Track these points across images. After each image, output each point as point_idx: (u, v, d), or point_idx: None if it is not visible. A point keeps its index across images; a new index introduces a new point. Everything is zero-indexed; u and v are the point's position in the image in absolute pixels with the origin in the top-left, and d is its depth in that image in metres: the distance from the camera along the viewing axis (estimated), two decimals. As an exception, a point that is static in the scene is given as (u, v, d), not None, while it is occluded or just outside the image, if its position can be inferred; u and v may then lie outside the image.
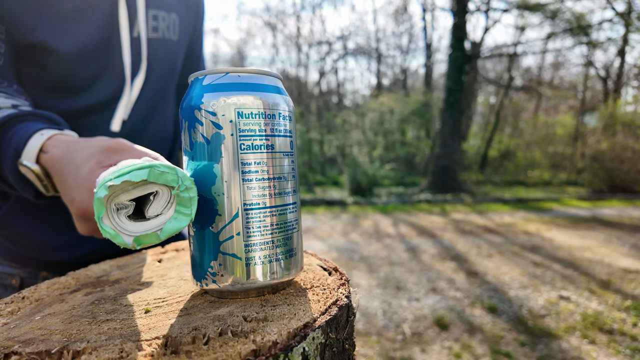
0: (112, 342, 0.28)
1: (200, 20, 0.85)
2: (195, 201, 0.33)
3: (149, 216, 0.32)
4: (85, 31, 0.64)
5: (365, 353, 2.07)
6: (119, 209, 0.31)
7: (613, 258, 3.73)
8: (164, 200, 0.32)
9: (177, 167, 0.32)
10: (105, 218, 0.30)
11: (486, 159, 12.79)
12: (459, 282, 3.16)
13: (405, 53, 16.79)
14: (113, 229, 0.30)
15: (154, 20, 0.72)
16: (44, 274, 0.70)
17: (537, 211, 6.53)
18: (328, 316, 0.31)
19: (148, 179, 0.30)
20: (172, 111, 0.83)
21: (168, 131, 0.82)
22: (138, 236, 0.31)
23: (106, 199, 0.30)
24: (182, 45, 0.79)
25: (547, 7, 9.56)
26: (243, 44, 20.16)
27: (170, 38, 0.75)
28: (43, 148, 0.49)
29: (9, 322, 0.34)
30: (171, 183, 0.31)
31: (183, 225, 0.32)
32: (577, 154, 11.85)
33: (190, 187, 0.32)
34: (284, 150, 0.36)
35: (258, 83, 0.35)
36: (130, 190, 0.31)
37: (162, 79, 0.76)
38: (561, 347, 2.14)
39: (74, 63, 0.63)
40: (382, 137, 12.62)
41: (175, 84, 0.82)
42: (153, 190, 0.32)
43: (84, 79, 0.66)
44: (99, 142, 0.46)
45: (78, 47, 0.63)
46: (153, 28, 0.72)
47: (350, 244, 4.46)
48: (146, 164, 0.31)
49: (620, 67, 12.89)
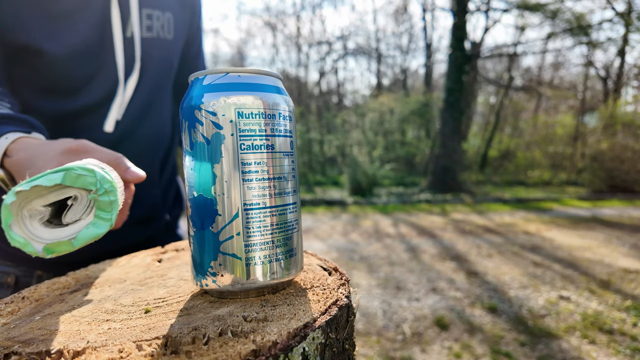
0: (112, 342, 0.28)
1: (196, 18, 0.84)
2: (117, 205, 0.31)
3: (66, 222, 0.30)
4: (78, 32, 0.63)
5: (365, 353, 2.07)
6: (32, 215, 0.29)
7: (613, 258, 3.73)
8: (83, 204, 0.30)
9: (100, 170, 0.30)
10: (15, 225, 0.28)
11: (486, 159, 12.79)
12: (459, 282, 3.16)
13: (405, 53, 16.79)
14: (23, 237, 0.29)
15: (148, 19, 0.71)
16: (39, 272, 0.71)
17: (537, 211, 6.53)
18: (328, 316, 0.31)
19: (63, 183, 0.29)
20: (169, 110, 0.82)
21: (164, 131, 0.81)
22: (49, 244, 0.29)
23: (15, 205, 0.28)
24: (178, 44, 0.79)
25: (547, 7, 9.56)
26: (243, 44, 20.15)
27: (165, 37, 0.74)
28: (7, 152, 0.48)
29: (9, 322, 0.34)
30: (89, 186, 0.29)
31: (102, 231, 0.30)
32: (577, 154, 11.85)
33: (110, 190, 0.30)
34: (284, 150, 0.36)
35: (258, 83, 0.35)
36: (45, 195, 0.29)
37: (156, 79, 0.75)
38: (561, 347, 2.14)
39: (66, 64, 0.63)
40: (382, 137, 12.63)
41: (172, 83, 0.82)
42: (71, 195, 0.30)
43: (78, 80, 0.66)
44: (61, 145, 0.45)
45: (70, 48, 0.63)
46: (147, 27, 0.71)
47: (350, 244, 4.46)
48: (63, 167, 0.29)
49: (620, 67, 12.89)
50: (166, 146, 0.83)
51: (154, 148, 0.78)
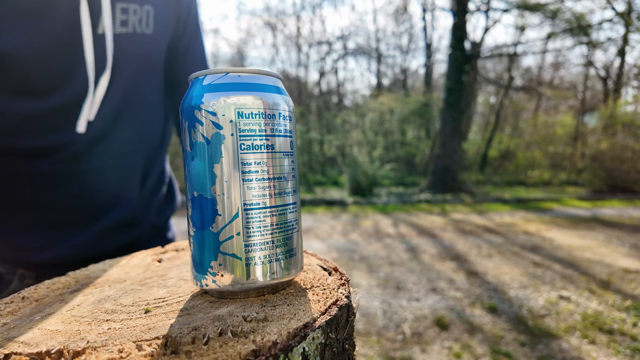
0: (112, 342, 0.28)
1: (183, 9, 0.79)
2: None
3: None
4: (46, 31, 0.61)
5: (365, 353, 2.07)
6: None
7: (613, 258, 3.73)
8: None
9: None
10: None
11: (486, 159, 12.79)
12: (459, 282, 3.16)
13: (405, 53, 16.80)
14: None
15: (123, 13, 0.68)
16: (22, 271, 0.71)
17: (537, 211, 6.53)
18: (328, 316, 0.31)
19: None
20: (157, 110, 0.78)
21: (148, 131, 0.77)
22: None
23: None
24: (161, 38, 0.74)
25: (547, 7, 9.56)
26: (243, 44, 20.15)
27: (143, 32, 0.70)
28: None
29: (9, 322, 0.34)
30: None
31: None
32: (577, 154, 11.85)
33: None
34: (284, 150, 0.36)
35: (258, 83, 0.35)
36: None
37: (134, 77, 0.71)
38: (561, 347, 2.14)
39: (35, 64, 0.61)
40: (382, 137, 12.62)
41: (159, 81, 0.77)
42: None
43: (48, 80, 0.64)
44: None
45: (38, 48, 0.61)
46: (121, 22, 0.68)
47: (350, 244, 4.46)
48: None
49: (620, 67, 12.89)
50: (151, 147, 0.79)
51: (135, 150, 0.74)
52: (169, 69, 0.81)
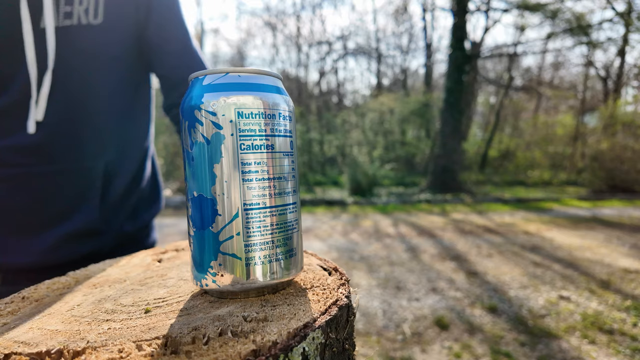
0: (112, 342, 0.28)
1: None
2: None
3: None
4: None
5: (365, 353, 2.07)
6: None
7: (613, 258, 3.73)
8: None
9: None
10: None
11: (486, 159, 12.79)
12: (459, 282, 3.16)
13: (405, 53, 16.80)
14: None
15: (67, 4, 0.64)
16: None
17: (537, 211, 6.53)
18: (328, 316, 0.31)
19: None
20: (121, 106, 0.73)
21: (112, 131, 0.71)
22: None
23: None
24: (114, 29, 0.68)
25: (547, 7, 9.56)
26: (243, 44, 20.12)
27: (90, 23, 0.65)
28: None
29: (9, 322, 0.34)
30: None
31: None
32: (577, 154, 11.85)
33: None
34: (284, 150, 0.36)
35: (258, 83, 0.35)
36: None
37: (85, 72, 0.66)
38: (561, 347, 2.14)
39: None
40: (382, 137, 12.63)
41: (121, 74, 0.71)
42: None
43: None
44: None
45: None
46: (65, 14, 0.63)
47: (350, 244, 4.46)
48: None
49: (620, 67, 12.89)
50: (116, 148, 0.73)
51: (94, 151, 0.69)
52: (148, 61, 0.76)
